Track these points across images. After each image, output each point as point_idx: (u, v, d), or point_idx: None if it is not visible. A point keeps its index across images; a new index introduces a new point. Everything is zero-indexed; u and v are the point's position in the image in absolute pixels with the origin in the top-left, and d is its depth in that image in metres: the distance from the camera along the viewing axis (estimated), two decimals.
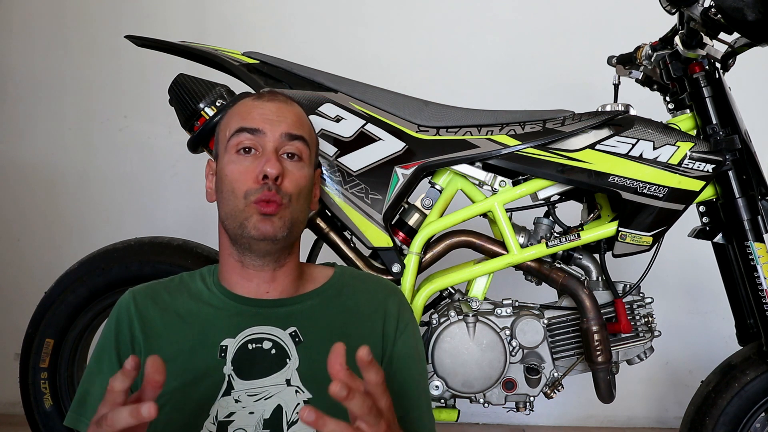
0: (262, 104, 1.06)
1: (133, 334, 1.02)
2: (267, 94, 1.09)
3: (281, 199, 1.01)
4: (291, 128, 1.05)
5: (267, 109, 1.06)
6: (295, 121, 1.07)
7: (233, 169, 1.03)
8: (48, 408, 1.51)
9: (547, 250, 1.43)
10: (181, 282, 1.10)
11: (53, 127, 2.52)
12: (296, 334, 1.03)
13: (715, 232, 1.47)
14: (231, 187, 1.02)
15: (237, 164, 1.03)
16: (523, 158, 1.40)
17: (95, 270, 1.49)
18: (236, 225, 1.02)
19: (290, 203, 1.02)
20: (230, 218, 1.03)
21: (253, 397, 0.98)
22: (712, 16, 1.31)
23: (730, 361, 1.47)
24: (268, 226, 1.00)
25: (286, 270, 1.07)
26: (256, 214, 1.00)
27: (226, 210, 1.04)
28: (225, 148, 1.05)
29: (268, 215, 1.00)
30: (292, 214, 1.02)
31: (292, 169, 1.04)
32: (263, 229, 1.00)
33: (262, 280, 1.05)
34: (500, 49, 2.49)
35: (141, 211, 2.51)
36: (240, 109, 1.08)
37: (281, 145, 1.03)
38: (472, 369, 1.42)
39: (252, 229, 1.00)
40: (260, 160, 1.02)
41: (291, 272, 1.08)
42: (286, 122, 1.05)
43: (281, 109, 1.07)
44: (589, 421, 2.50)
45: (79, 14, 2.52)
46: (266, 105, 1.06)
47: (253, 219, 1.00)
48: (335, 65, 1.65)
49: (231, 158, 1.04)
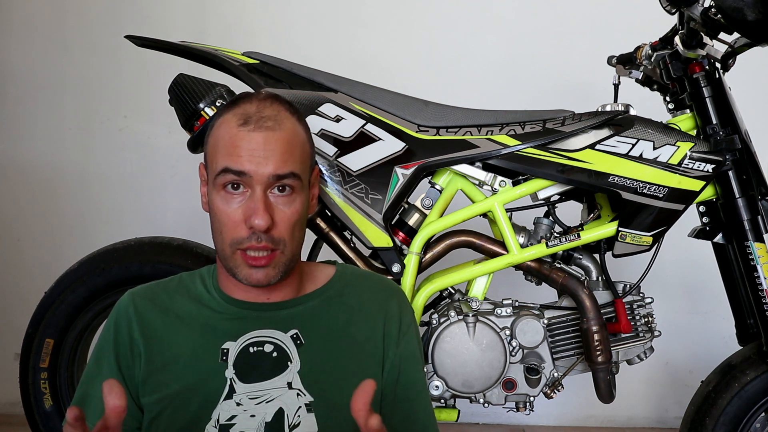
0: (248, 136, 0.96)
1: (132, 336, 1.02)
2: (254, 119, 0.98)
3: (274, 248, 0.97)
4: (279, 168, 0.96)
5: (253, 143, 0.96)
6: (284, 153, 0.97)
7: (221, 209, 0.98)
8: (48, 408, 1.51)
9: (547, 250, 1.43)
10: (181, 283, 1.09)
11: (53, 127, 2.52)
12: (297, 337, 1.02)
13: (715, 232, 1.47)
14: (219, 228, 0.99)
15: (225, 203, 0.98)
16: (523, 158, 1.40)
17: (95, 270, 1.49)
18: (228, 267, 1.00)
19: (285, 247, 0.98)
20: (221, 257, 1.01)
21: (254, 401, 0.98)
22: (712, 16, 1.31)
23: (730, 361, 1.47)
24: (261, 275, 0.98)
25: (286, 280, 1.04)
26: (245, 266, 0.97)
27: (217, 247, 1.01)
28: (212, 180, 1.00)
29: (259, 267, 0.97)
30: (286, 257, 0.99)
31: (283, 207, 0.98)
32: (255, 278, 0.98)
33: (261, 292, 1.04)
34: (500, 49, 2.49)
35: (141, 211, 2.51)
36: (226, 138, 0.98)
37: (269, 187, 0.97)
38: (472, 369, 1.42)
39: (243, 278, 0.98)
40: (248, 202, 0.96)
41: (291, 279, 1.05)
42: (273, 159, 0.96)
43: (269, 142, 0.97)
44: (589, 421, 2.50)
45: (79, 14, 2.52)
46: (252, 137, 0.96)
47: (243, 269, 0.98)
48: (335, 65, 1.65)
49: (219, 195, 0.98)
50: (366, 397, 0.73)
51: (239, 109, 1.00)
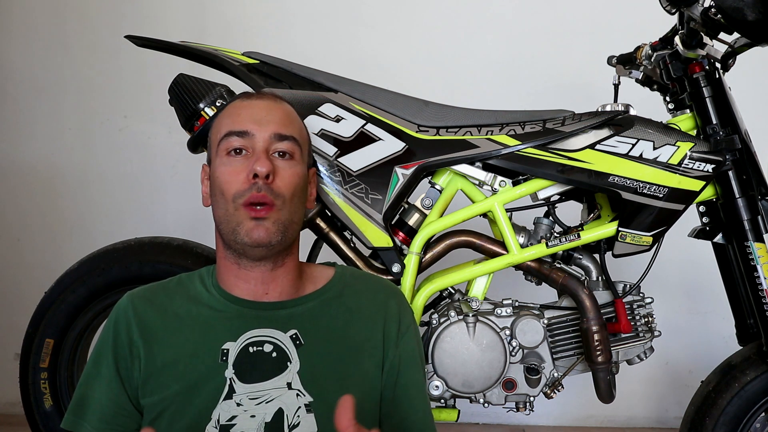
0: (251, 103, 1.05)
1: (131, 338, 1.02)
2: (256, 93, 1.08)
3: (273, 200, 0.99)
4: (280, 128, 1.03)
5: (255, 108, 1.04)
6: (284, 119, 1.05)
7: (223, 171, 1.01)
8: (48, 408, 1.51)
9: (547, 250, 1.43)
10: (180, 283, 1.09)
11: (53, 127, 2.52)
12: (297, 337, 1.02)
13: (715, 232, 1.47)
14: (221, 189, 1.01)
15: (227, 166, 1.01)
16: (523, 158, 1.40)
17: (95, 270, 1.49)
18: (229, 231, 1.00)
19: (284, 205, 1.00)
20: (222, 223, 1.02)
21: (254, 401, 0.98)
22: (712, 16, 1.31)
23: (730, 361, 1.47)
24: (261, 231, 0.98)
25: (285, 270, 1.06)
26: (247, 219, 0.99)
27: (218, 214, 1.02)
28: (216, 151, 1.04)
29: (260, 219, 0.98)
30: (285, 216, 1.01)
31: (284, 167, 1.02)
32: (256, 235, 0.98)
33: (259, 281, 1.04)
34: (500, 49, 2.49)
35: (141, 211, 2.51)
36: (229, 111, 1.06)
37: (271, 145, 1.02)
38: (472, 369, 1.42)
39: (244, 236, 0.99)
40: (251, 160, 1.00)
41: (290, 272, 1.06)
42: (275, 122, 1.03)
43: (270, 108, 1.05)
44: (589, 421, 2.50)
45: (79, 14, 2.52)
46: (254, 104, 1.05)
47: (245, 225, 0.99)
48: (335, 65, 1.65)
49: (222, 161, 1.02)
50: (349, 413, 0.73)
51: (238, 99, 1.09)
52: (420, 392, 1.10)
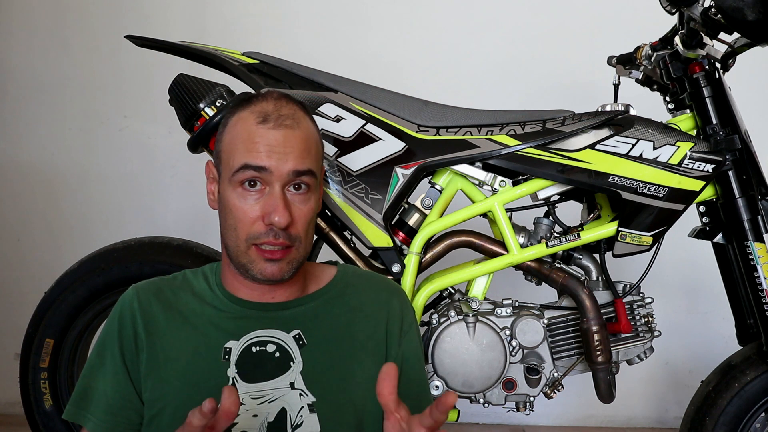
0: (268, 133, 0.98)
1: (135, 330, 1.02)
2: (273, 117, 0.99)
3: (290, 243, 0.98)
4: (299, 164, 0.98)
5: (273, 140, 0.97)
6: (303, 150, 0.99)
7: (237, 206, 0.98)
8: (48, 408, 1.51)
9: (547, 250, 1.43)
10: (185, 280, 1.09)
11: (53, 127, 2.52)
12: (300, 337, 1.02)
13: (715, 232, 1.47)
14: (234, 224, 0.99)
15: (241, 200, 0.98)
16: (523, 158, 1.40)
17: (95, 270, 1.49)
18: (239, 264, 1.00)
19: (300, 244, 1.00)
20: (233, 254, 1.01)
21: (257, 401, 0.98)
22: (712, 16, 1.31)
23: (730, 361, 1.47)
24: (275, 269, 0.99)
25: (292, 279, 1.04)
26: (260, 260, 0.98)
27: (229, 244, 1.01)
28: (228, 177, 1.00)
29: (274, 261, 0.98)
30: (300, 254, 1.01)
31: (300, 204, 0.99)
32: (269, 272, 0.99)
33: (266, 290, 1.04)
34: (500, 49, 2.49)
35: (141, 211, 2.51)
36: (244, 135, 0.99)
37: (289, 182, 0.98)
38: (472, 369, 1.42)
39: (257, 273, 0.99)
40: (266, 199, 0.98)
41: (296, 278, 1.06)
42: (293, 156, 0.98)
43: (288, 139, 0.98)
44: (589, 421, 2.50)
45: (79, 14, 2.52)
46: (272, 134, 0.98)
47: (257, 264, 0.99)
48: (335, 65, 1.65)
49: (236, 192, 0.99)
50: (392, 382, 0.73)
51: (256, 107, 1.01)
52: (424, 389, 1.10)
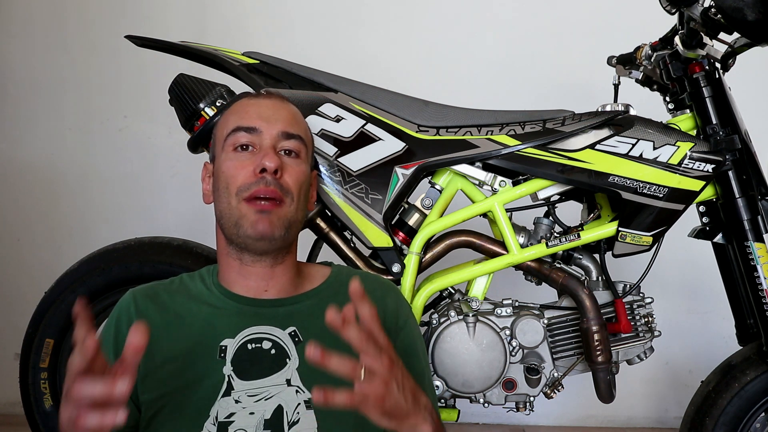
0: (258, 102, 1.08)
1: None
2: (263, 93, 1.11)
3: (282, 195, 1.01)
4: (287, 127, 1.06)
5: (263, 106, 1.07)
6: (291, 119, 1.08)
7: (229, 165, 1.03)
8: (48, 408, 1.51)
9: (547, 250, 1.43)
10: (182, 283, 1.10)
11: (53, 127, 2.52)
12: (296, 334, 1.03)
13: (715, 232, 1.47)
14: (226, 182, 1.02)
15: (233, 160, 1.03)
16: (523, 158, 1.40)
17: (95, 270, 1.49)
18: (231, 224, 1.01)
19: (291, 201, 1.02)
20: (225, 216, 1.03)
21: (253, 398, 0.98)
22: (712, 16, 1.31)
23: (730, 361, 1.47)
24: (266, 224, 1.00)
25: (284, 267, 1.07)
26: (251, 212, 1.00)
27: (222, 208, 1.03)
28: (222, 147, 1.06)
29: (265, 212, 1.00)
30: (291, 213, 1.02)
31: (291, 164, 1.05)
32: (260, 227, 1.00)
33: (260, 278, 1.05)
34: (500, 50, 2.49)
35: (141, 211, 2.51)
36: (236, 108, 1.09)
37: (278, 142, 1.04)
38: (472, 369, 1.42)
39: (248, 228, 1.00)
40: (258, 155, 1.02)
41: (289, 270, 1.08)
42: (282, 120, 1.06)
43: (277, 107, 1.08)
44: (589, 421, 2.50)
45: (79, 14, 2.52)
46: (262, 102, 1.08)
47: (248, 218, 1.00)
48: (335, 65, 1.65)
49: (228, 156, 1.04)
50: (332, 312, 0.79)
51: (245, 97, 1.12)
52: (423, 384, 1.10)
